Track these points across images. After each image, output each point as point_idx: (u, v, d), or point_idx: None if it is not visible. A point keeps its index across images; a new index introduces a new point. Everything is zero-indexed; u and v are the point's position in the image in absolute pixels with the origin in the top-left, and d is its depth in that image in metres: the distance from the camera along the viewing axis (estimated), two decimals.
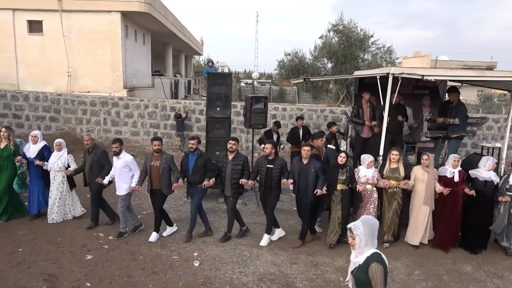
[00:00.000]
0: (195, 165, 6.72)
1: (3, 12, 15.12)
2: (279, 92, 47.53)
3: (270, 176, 6.69)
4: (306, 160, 6.66)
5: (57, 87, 15.38)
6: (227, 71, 43.05)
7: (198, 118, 14.37)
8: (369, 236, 3.29)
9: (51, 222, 7.36)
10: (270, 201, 6.82)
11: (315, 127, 13.98)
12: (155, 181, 6.69)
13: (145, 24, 18.59)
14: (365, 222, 3.34)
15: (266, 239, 6.90)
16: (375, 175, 6.78)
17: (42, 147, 7.50)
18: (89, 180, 7.17)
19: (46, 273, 5.63)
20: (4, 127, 7.60)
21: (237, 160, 6.78)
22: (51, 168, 7.34)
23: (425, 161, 6.78)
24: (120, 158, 6.84)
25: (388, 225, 6.90)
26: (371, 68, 19.84)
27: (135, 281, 5.53)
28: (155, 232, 6.92)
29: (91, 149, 7.23)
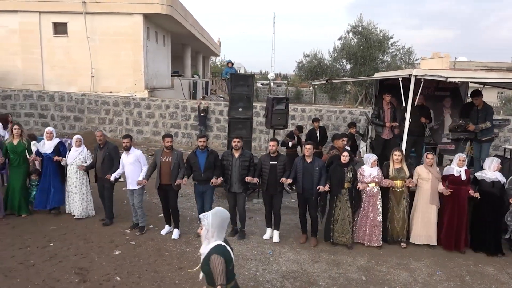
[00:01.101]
0: (207, 162, 6.86)
1: (30, 14, 15.58)
2: (295, 93, 47.56)
3: (274, 173, 6.84)
4: (310, 159, 6.81)
5: (81, 87, 15.77)
6: (243, 72, 43.27)
7: (218, 119, 14.57)
8: (217, 228, 3.31)
9: (78, 216, 7.62)
10: (276, 198, 7.00)
11: (334, 128, 14.05)
12: (165, 177, 6.86)
13: (166, 26, 18.90)
14: (215, 214, 3.36)
15: (276, 235, 7.08)
16: (379, 173, 6.87)
17: (57, 143, 7.72)
18: (101, 175, 7.37)
19: (77, 267, 5.84)
20: (17, 124, 7.89)
21: (244, 157, 6.95)
22: (72, 163, 7.55)
23: (430, 160, 6.85)
24: (130, 153, 7.07)
25: (400, 225, 6.96)
26: (390, 69, 19.77)
27: (162, 276, 5.70)
28: (176, 229, 7.12)
29: (103, 145, 7.42)
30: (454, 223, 6.78)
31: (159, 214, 7.90)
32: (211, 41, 30.10)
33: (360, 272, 6.04)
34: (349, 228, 6.78)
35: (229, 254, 3.36)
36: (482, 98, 8.43)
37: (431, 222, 6.87)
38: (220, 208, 3.50)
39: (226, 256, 3.29)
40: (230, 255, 3.36)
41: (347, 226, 6.77)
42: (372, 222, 6.85)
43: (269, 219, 7.20)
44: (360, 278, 5.88)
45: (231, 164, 6.92)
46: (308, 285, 5.64)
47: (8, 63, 15.91)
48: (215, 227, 3.32)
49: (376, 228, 6.85)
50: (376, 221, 6.84)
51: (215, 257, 3.23)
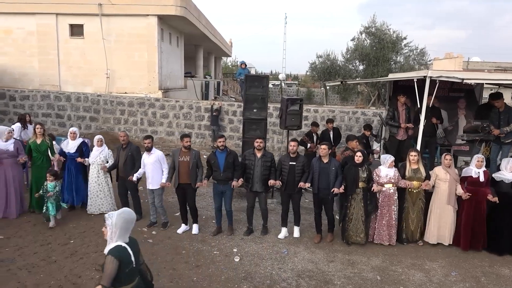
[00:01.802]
0: (226, 162, 6.98)
1: (47, 16, 15.86)
2: (307, 94, 47.49)
3: (293, 173, 6.96)
4: (326, 159, 6.93)
5: (96, 88, 16.01)
6: (254, 73, 43.35)
7: (231, 119, 14.69)
8: (120, 229, 3.29)
9: (91, 213, 7.83)
10: (295, 197, 7.13)
11: (347, 129, 14.07)
12: (184, 176, 7.00)
13: (179, 27, 19.08)
14: (120, 214, 3.35)
15: (297, 230, 7.28)
16: (396, 174, 6.91)
17: (80, 143, 7.94)
18: (123, 174, 7.54)
19: (98, 263, 5.96)
20: (39, 124, 8.12)
21: (266, 157, 7.10)
22: (93, 162, 7.76)
23: (448, 161, 6.87)
24: (151, 154, 7.23)
25: (415, 224, 7.01)
26: (403, 70, 19.71)
27: (180, 273, 5.83)
28: (195, 224, 7.30)
29: (125, 145, 7.60)
30: (470, 224, 6.79)
31: (175, 213, 8.04)
32: (223, 42, 30.26)
33: (375, 272, 6.09)
34: (363, 227, 6.85)
35: (128, 256, 3.32)
36: (503, 100, 8.37)
37: (448, 222, 6.89)
38: (126, 209, 3.50)
39: (123, 258, 3.27)
40: (129, 258, 3.32)
41: (361, 225, 6.84)
42: (387, 222, 6.91)
43: (285, 219, 7.31)
44: (375, 277, 5.93)
45: (253, 164, 7.05)
46: (323, 284, 5.71)
47: (25, 65, 16.22)
48: (118, 227, 3.31)
49: (391, 227, 6.92)
50: (391, 221, 6.90)
51: (109, 258, 3.23)
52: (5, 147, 7.42)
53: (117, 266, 3.22)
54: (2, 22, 16.06)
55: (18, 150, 7.54)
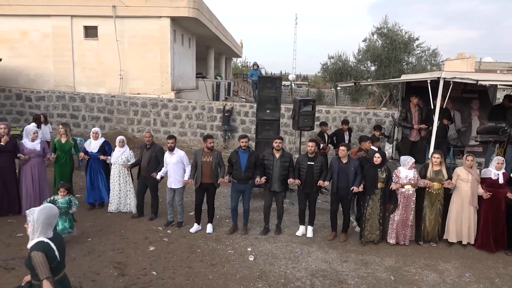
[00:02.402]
0: (248, 162, 7.11)
1: (62, 18, 16.11)
2: (317, 94, 47.52)
3: (311, 173, 7.07)
4: (345, 159, 7.03)
5: (109, 89, 16.23)
6: (264, 74, 43.43)
7: (243, 120, 14.80)
8: (42, 224, 3.30)
9: (110, 212, 8.01)
10: (312, 197, 7.28)
11: (359, 129, 14.08)
12: (206, 176, 7.13)
13: (191, 29, 19.24)
14: (41, 210, 3.37)
15: (310, 230, 7.36)
16: (416, 175, 6.96)
17: (102, 142, 8.15)
18: (146, 174, 7.70)
19: (115, 261, 6.12)
20: (61, 124, 8.36)
21: (285, 157, 7.20)
22: (115, 162, 7.94)
23: (470, 162, 6.90)
24: (174, 154, 7.39)
25: (432, 225, 7.05)
26: (415, 71, 19.65)
27: (196, 272, 5.93)
28: (210, 224, 7.42)
29: (150, 146, 7.75)
30: (489, 225, 6.83)
31: (189, 212, 8.14)
32: (233, 42, 30.39)
33: (388, 272, 6.14)
34: (379, 225, 6.94)
35: (52, 251, 3.35)
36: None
37: (469, 222, 6.92)
38: (48, 205, 3.55)
39: (47, 253, 3.31)
40: (53, 253, 3.35)
41: (377, 224, 6.95)
42: (404, 222, 6.97)
43: (303, 217, 7.43)
44: (388, 278, 5.97)
45: (272, 164, 7.16)
46: (337, 283, 5.77)
47: (41, 66, 16.48)
48: (39, 223, 3.33)
49: (407, 228, 6.99)
50: (408, 221, 6.97)
51: (34, 253, 3.27)
52: (32, 147, 7.66)
53: (44, 256, 3.28)
54: (19, 24, 16.35)
55: (45, 150, 7.80)
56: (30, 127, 8.01)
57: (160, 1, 15.84)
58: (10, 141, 7.49)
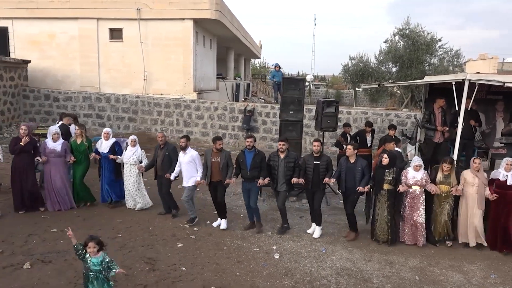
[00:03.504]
0: (253, 162, 7.27)
1: (89, 21, 16.57)
2: (335, 95, 47.37)
3: (317, 172, 7.21)
4: (353, 159, 7.15)
5: (134, 89, 16.61)
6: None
7: (264, 120, 14.96)
8: None
9: (136, 209, 8.27)
10: (317, 196, 7.35)
11: (380, 131, 14.05)
12: (215, 175, 7.38)
13: (213, 30, 19.51)
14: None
15: (318, 231, 7.44)
16: (424, 176, 6.99)
17: (113, 142, 8.39)
18: (160, 173, 7.94)
19: (146, 256, 6.34)
20: (78, 125, 8.68)
21: (289, 158, 7.33)
22: (126, 162, 8.16)
23: (477, 165, 6.91)
24: (186, 153, 7.60)
25: (442, 227, 7.09)
26: (437, 72, 19.48)
27: (223, 268, 6.10)
28: (224, 220, 7.64)
29: (163, 145, 7.98)
30: (498, 226, 6.87)
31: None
32: (253, 43, 30.60)
33: (413, 272, 6.20)
34: (387, 227, 7.02)
35: None
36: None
37: (475, 225, 6.93)
38: None
39: None
40: None
41: (385, 225, 7.03)
42: (414, 223, 7.03)
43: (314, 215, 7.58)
44: (413, 277, 6.04)
45: (277, 165, 7.31)
46: (362, 282, 5.87)
47: (68, 67, 16.99)
48: None
49: (417, 229, 7.03)
50: (417, 222, 7.00)
51: None
52: (54, 147, 7.92)
53: None
54: (47, 27, 16.88)
55: (66, 151, 8.05)
56: (53, 127, 8.25)
57: (183, 4, 16.15)
58: (30, 142, 7.73)
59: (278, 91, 15.86)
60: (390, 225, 6.99)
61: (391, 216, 6.97)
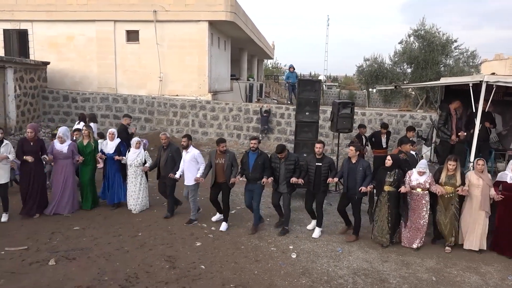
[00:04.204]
0: (255, 163, 7.41)
1: (106, 23, 16.86)
2: (348, 96, 47.21)
3: (319, 174, 7.32)
4: (354, 159, 7.23)
5: (149, 91, 16.84)
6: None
7: (279, 121, 15.05)
8: None
9: (135, 212, 8.32)
10: (319, 196, 7.43)
11: (394, 132, 14.03)
12: (220, 176, 7.53)
13: (228, 32, 19.67)
14: None
15: (317, 231, 7.53)
16: (428, 180, 6.96)
17: (118, 143, 8.51)
18: (164, 173, 8.08)
19: (166, 255, 6.50)
20: (85, 126, 8.79)
21: (289, 160, 7.44)
22: (131, 163, 8.25)
23: (480, 167, 6.90)
24: (188, 152, 7.75)
25: (448, 230, 7.07)
26: (453, 73, 19.34)
27: (241, 266, 6.22)
28: (224, 223, 7.76)
29: (166, 146, 8.12)
30: (505, 229, 6.87)
31: (231, 211, 8.43)
32: (266, 44, 30.72)
33: (430, 273, 6.24)
34: (388, 229, 7.05)
35: None
36: None
37: (479, 228, 6.92)
38: None
39: None
40: None
41: (386, 227, 7.07)
42: (414, 225, 7.04)
43: (312, 213, 7.70)
44: (430, 278, 6.08)
45: (278, 166, 7.45)
46: (379, 282, 5.93)
47: (85, 69, 17.29)
48: None
49: (418, 231, 7.04)
50: (419, 224, 7.01)
51: None
52: (60, 148, 8.00)
53: None
54: (66, 29, 17.21)
55: (73, 152, 8.13)
56: (62, 128, 8.27)
57: (198, 6, 16.32)
58: (37, 143, 7.77)
59: (292, 92, 15.93)
60: (390, 226, 7.05)
61: (391, 217, 7.02)
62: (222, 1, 16.21)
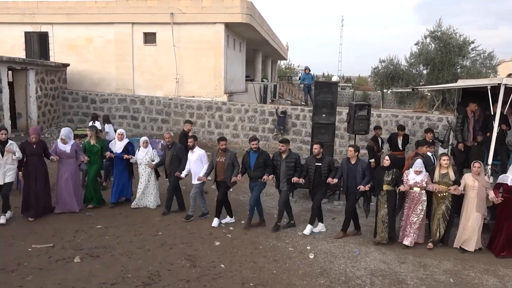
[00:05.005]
0: (257, 162, 7.61)
1: (125, 26, 17.16)
2: (362, 97, 46.90)
3: (319, 174, 7.48)
4: (353, 160, 7.42)
5: (166, 92, 17.09)
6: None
7: (294, 123, 15.14)
8: None
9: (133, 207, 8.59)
10: (318, 196, 7.61)
11: (410, 133, 13.98)
12: (220, 174, 7.76)
13: (243, 33, 19.82)
14: None
15: (308, 229, 7.67)
16: (424, 179, 7.10)
17: (126, 143, 8.74)
18: (169, 172, 8.36)
19: (186, 253, 6.64)
20: (89, 127, 9.03)
21: (290, 158, 7.62)
22: (140, 162, 8.53)
23: (477, 169, 6.96)
24: (194, 152, 8.01)
25: (435, 226, 7.20)
26: (470, 74, 19.18)
27: (260, 266, 6.34)
28: (216, 218, 7.92)
29: (170, 145, 8.37)
30: (503, 231, 6.92)
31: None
32: (280, 45, 30.80)
33: (447, 275, 6.27)
34: (384, 227, 7.22)
35: None
36: None
37: (474, 229, 6.99)
38: None
39: None
40: None
41: (382, 225, 7.25)
42: (411, 223, 7.14)
43: (320, 214, 7.86)
44: (447, 280, 6.12)
45: (279, 164, 7.64)
46: (397, 283, 5.99)
47: (104, 70, 17.64)
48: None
49: (416, 228, 7.15)
50: (416, 224, 7.11)
51: None
52: (64, 148, 8.11)
53: None
54: (85, 31, 17.58)
55: (77, 152, 8.29)
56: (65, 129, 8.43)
57: (215, 8, 16.51)
58: (39, 145, 7.85)
59: (308, 93, 16.01)
60: (388, 224, 7.20)
61: (390, 216, 7.18)
62: (238, 3, 16.38)
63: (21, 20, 17.74)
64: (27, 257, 6.25)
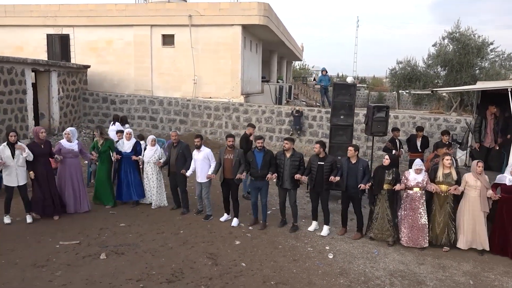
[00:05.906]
0: (264, 161, 7.70)
1: (143, 28, 17.48)
2: (378, 98, 46.65)
3: (321, 172, 7.53)
4: (354, 160, 7.47)
5: (184, 93, 17.33)
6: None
7: (311, 124, 15.21)
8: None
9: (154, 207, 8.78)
10: (323, 195, 7.70)
11: (428, 135, 13.93)
12: (228, 172, 7.83)
13: (260, 35, 19.97)
14: None
15: (326, 229, 7.76)
16: (425, 179, 7.11)
17: (134, 143, 8.88)
18: (175, 170, 8.44)
19: (208, 252, 6.80)
20: (97, 127, 9.21)
21: (294, 157, 7.68)
22: (149, 161, 8.68)
23: (480, 169, 6.93)
24: (201, 151, 8.10)
25: (441, 228, 7.16)
26: (489, 76, 18.98)
27: (280, 265, 6.46)
28: (235, 218, 8.06)
29: (176, 144, 8.47)
30: (503, 230, 6.93)
31: (274, 207, 8.67)
32: (296, 46, 30.85)
33: (467, 277, 6.30)
34: (389, 226, 7.26)
35: None
36: None
37: (479, 228, 6.98)
38: None
39: None
40: None
41: (387, 224, 7.27)
42: (412, 224, 7.14)
43: (315, 214, 7.95)
44: (467, 282, 6.15)
45: (283, 163, 7.70)
46: (416, 284, 6.04)
47: (123, 72, 17.98)
48: None
49: (418, 230, 7.14)
50: (418, 224, 7.12)
51: None
52: (70, 147, 8.22)
53: None
54: (105, 33, 17.94)
55: (82, 151, 8.45)
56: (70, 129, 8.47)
57: (232, 10, 16.71)
58: (46, 145, 7.91)
59: (325, 95, 16.06)
60: (392, 224, 7.24)
61: (391, 215, 7.24)
62: (256, 6, 16.54)
63: (43, 23, 18.17)
64: (56, 254, 6.49)
